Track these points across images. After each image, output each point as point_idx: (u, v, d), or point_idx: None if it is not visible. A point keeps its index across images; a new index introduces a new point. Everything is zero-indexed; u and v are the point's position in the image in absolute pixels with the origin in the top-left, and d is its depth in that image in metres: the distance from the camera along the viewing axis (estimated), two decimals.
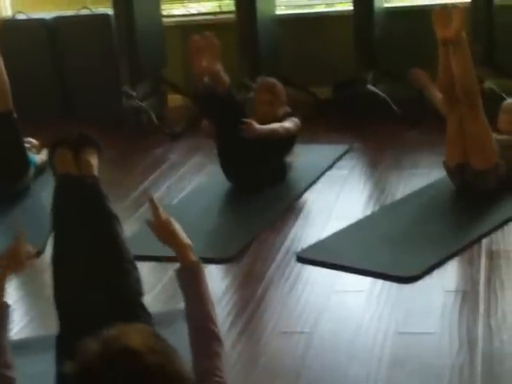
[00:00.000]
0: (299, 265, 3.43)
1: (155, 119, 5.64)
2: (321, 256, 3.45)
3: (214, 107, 4.07)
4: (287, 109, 4.46)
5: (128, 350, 1.44)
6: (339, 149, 4.89)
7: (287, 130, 4.25)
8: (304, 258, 3.46)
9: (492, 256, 3.32)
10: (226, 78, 4.02)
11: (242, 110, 4.10)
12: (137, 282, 2.54)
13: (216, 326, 2.10)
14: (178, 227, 2.22)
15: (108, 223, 2.59)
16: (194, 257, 2.17)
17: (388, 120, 5.29)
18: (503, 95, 4.84)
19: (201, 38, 4.01)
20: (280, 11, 6.21)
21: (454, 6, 3.71)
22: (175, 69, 6.22)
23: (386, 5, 5.94)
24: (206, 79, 3.96)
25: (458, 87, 3.74)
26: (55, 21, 6.18)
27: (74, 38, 6.08)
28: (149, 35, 5.80)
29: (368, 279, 3.23)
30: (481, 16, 5.27)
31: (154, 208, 2.25)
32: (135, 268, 2.57)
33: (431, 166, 4.34)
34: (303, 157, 4.73)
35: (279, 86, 4.44)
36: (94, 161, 2.78)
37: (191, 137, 5.56)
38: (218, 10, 6.46)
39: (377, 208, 3.95)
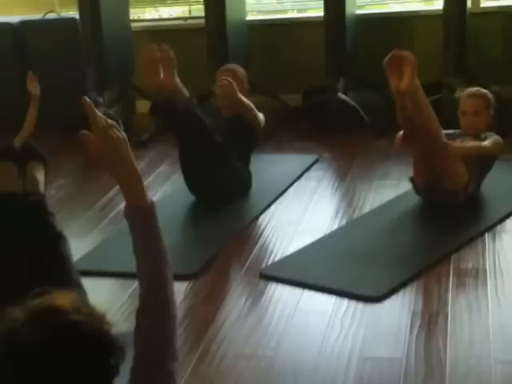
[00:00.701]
0: (263, 282, 3.33)
1: (122, 126, 5.51)
2: (285, 273, 3.35)
3: (173, 121, 3.95)
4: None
5: (53, 308, 1.39)
6: (308, 159, 4.80)
7: (257, 118, 4.12)
8: (267, 276, 3.36)
9: (461, 274, 3.24)
10: (185, 91, 3.88)
11: (202, 124, 3.94)
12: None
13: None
14: (128, 149, 1.78)
15: (50, 246, 2.40)
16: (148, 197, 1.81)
17: (358, 129, 5.21)
18: None
19: (158, 49, 3.76)
20: (251, 17, 6.11)
21: (403, 54, 3.51)
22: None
23: (358, 11, 5.86)
24: (165, 92, 3.79)
25: (420, 131, 3.63)
26: (21, 25, 6.05)
27: (41, 43, 5.95)
28: (116, 40, 5.68)
29: (333, 298, 3.13)
30: (453, 24, 5.19)
31: (93, 114, 1.74)
32: (84, 293, 2.41)
33: (400, 177, 4.26)
34: (271, 167, 4.65)
35: (242, 70, 4.29)
36: (41, 176, 2.60)
37: (159, 145, 5.46)
38: (188, 15, 6.35)
39: (344, 221, 3.86)
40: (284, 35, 6.00)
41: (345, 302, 3.09)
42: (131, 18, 6.04)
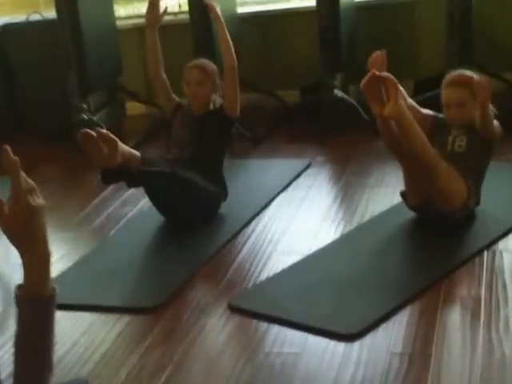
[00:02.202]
0: (231, 316, 2.96)
1: (105, 131, 5.15)
2: (255, 305, 2.98)
3: (131, 184, 3.61)
4: (220, 100, 3.91)
5: None
6: (298, 164, 4.42)
7: (235, 70, 3.83)
8: (236, 308, 2.99)
9: (451, 303, 2.84)
10: (134, 153, 3.49)
11: (161, 176, 3.56)
12: None
13: None
14: (44, 223, 1.51)
15: None
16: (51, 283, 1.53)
17: (356, 128, 4.80)
18: None
19: (93, 135, 3.24)
20: (242, 9, 5.72)
21: (383, 76, 3.05)
22: (133, 75, 5.77)
23: None
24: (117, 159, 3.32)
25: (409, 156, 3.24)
26: (3, 28, 5.72)
27: (24, 46, 5.62)
28: (100, 40, 5.33)
29: (305, 336, 2.75)
30: (457, 8, 4.75)
31: (15, 175, 1.47)
32: None
33: (396, 183, 3.83)
34: (256, 175, 4.29)
35: (212, 66, 3.90)
36: None
37: (151, 149, 5.12)
38: (179, 9, 5.96)
39: (330, 239, 3.48)
40: (277, 28, 5.61)
41: (318, 340, 2.72)
42: (116, 15, 5.68)
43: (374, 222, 3.56)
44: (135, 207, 4.13)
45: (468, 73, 3.42)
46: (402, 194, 3.47)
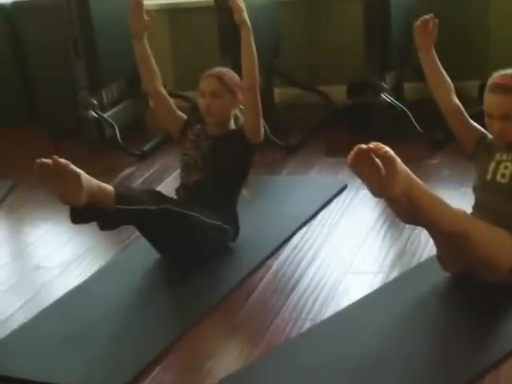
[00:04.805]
0: None
1: (119, 136, 4.50)
2: None
3: (106, 225, 2.91)
4: (238, 114, 3.22)
5: None
6: (333, 185, 3.67)
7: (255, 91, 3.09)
8: None
9: None
10: (107, 189, 2.79)
11: (143, 214, 2.86)
12: None
13: None
14: None
15: None
16: None
17: (406, 140, 4.01)
18: None
19: (49, 163, 2.58)
20: None
21: (374, 149, 2.25)
22: (158, 62, 5.06)
23: None
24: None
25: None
26: (14, 5, 5.07)
27: (36, 27, 4.95)
28: (116, 22, 4.63)
29: None
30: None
31: None
32: None
33: None
34: (281, 198, 3.58)
35: (234, 76, 3.19)
36: None
37: (165, 154, 4.45)
38: None
39: (358, 292, 2.72)
40: (322, 12, 4.82)
41: None
42: None
43: (402, 279, 2.78)
44: (134, 233, 3.39)
45: None
46: (439, 257, 2.69)
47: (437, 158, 3.88)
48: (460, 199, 3.30)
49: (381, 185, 2.26)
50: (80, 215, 2.75)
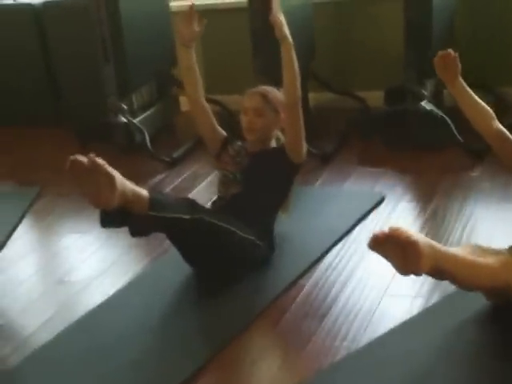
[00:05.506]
0: None
1: (148, 142, 4.36)
2: None
3: (137, 231, 2.75)
4: (280, 135, 3.13)
5: None
6: (370, 197, 3.51)
7: (301, 144, 3.03)
8: None
9: None
10: (142, 193, 2.66)
11: (175, 227, 2.78)
12: None
13: None
14: None
15: None
16: None
17: (447, 151, 3.83)
18: None
19: (84, 161, 2.48)
20: None
21: (394, 234, 2.06)
22: None
23: None
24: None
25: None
26: (44, 6, 4.96)
27: (65, 27, 4.84)
28: (146, 24, 4.51)
29: None
30: None
31: None
32: None
33: (500, 235, 2.90)
34: (314, 210, 3.43)
35: (277, 94, 3.07)
36: None
37: (195, 161, 4.32)
38: None
39: (393, 319, 2.56)
40: (359, 13, 4.65)
41: None
42: None
43: (439, 307, 2.60)
44: (164, 244, 3.26)
45: None
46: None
47: (477, 169, 3.70)
48: (502, 214, 3.16)
49: (407, 267, 2.11)
50: (110, 219, 2.62)
